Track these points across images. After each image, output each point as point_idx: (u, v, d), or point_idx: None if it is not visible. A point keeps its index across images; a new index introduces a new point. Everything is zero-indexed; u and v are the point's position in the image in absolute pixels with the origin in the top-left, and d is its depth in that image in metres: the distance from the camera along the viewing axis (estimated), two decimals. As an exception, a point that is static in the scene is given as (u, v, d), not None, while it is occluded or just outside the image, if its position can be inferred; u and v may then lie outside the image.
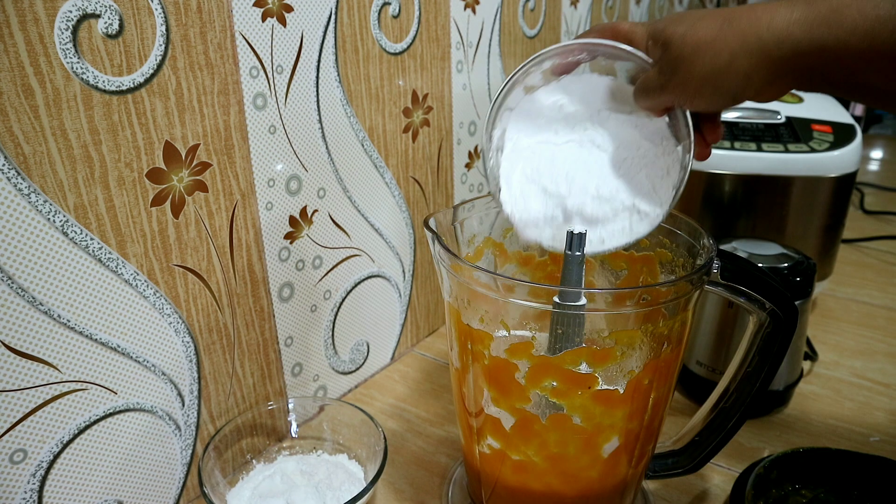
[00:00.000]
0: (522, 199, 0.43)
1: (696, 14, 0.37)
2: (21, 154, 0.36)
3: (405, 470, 0.55)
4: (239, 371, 0.54)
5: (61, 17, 0.37)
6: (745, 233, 0.71)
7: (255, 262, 0.53)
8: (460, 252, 0.49)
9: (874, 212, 1.12)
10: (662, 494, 0.52)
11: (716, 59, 0.36)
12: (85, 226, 0.40)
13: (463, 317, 0.42)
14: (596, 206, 0.42)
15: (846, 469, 0.48)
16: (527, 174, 0.43)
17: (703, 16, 0.37)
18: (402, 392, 0.66)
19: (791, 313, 0.42)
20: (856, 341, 0.73)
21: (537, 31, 0.84)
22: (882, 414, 0.61)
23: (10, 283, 0.37)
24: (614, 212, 0.42)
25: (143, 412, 0.47)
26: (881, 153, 1.49)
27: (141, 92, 0.42)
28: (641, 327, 0.39)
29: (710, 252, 0.41)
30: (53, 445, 0.42)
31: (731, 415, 0.46)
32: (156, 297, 0.46)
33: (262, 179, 0.51)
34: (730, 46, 0.35)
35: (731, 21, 0.35)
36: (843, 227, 0.75)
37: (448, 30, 0.67)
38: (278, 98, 0.51)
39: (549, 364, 0.39)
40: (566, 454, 0.42)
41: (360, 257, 0.64)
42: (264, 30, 0.48)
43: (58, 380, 0.41)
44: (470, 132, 0.75)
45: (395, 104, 0.63)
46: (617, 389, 0.40)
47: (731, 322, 0.60)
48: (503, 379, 0.41)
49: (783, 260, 0.58)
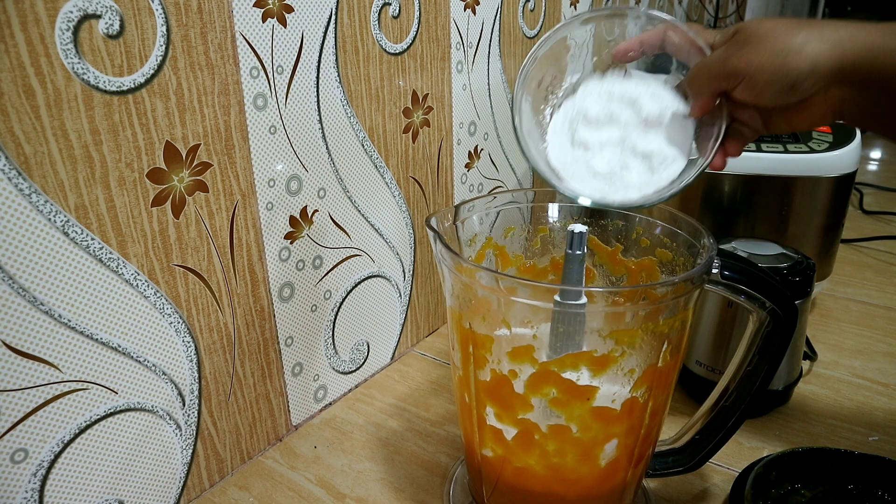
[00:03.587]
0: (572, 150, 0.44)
1: (772, 19, 0.39)
2: (22, 154, 0.37)
3: (406, 469, 0.55)
4: (239, 371, 0.54)
5: (62, 17, 0.37)
6: (745, 233, 0.71)
7: (255, 262, 0.53)
8: (461, 251, 0.49)
9: (873, 212, 1.12)
10: (662, 493, 0.52)
11: (788, 39, 0.36)
12: (86, 226, 0.40)
13: (465, 316, 0.42)
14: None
15: (845, 468, 0.49)
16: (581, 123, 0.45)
17: (780, 18, 0.38)
18: (402, 392, 0.67)
19: (791, 312, 0.42)
20: (855, 341, 0.73)
21: (537, 31, 0.84)
22: (881, 413, 0.61)
23: (11, 283, 0.37)
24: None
25: (143, 412, 0.47)
26: (880, 153, 1.49)
27: (141, 92, 0.42)
28: (642, 326, 0.39)
29: (711, 251, 0.41)
30: (54, 445, 0.42)
31: (731, 414, 0.46)
32: (156, 297, 0.46)
33: (262, 179, 0.51)
34: (805, 30, 0.36)
35: (799, 26, 0.37)
36: (842, 227, 0.75)
37: (448, 30, 0.67)
38: (279, 98, 0.51)
39: (550, 373, 0.40)
40: (565, 464, 0.42)
41: (361, 257, 0.64)
42: (265, 30, 0.49)
43: (59, 379, 0.41)
44: (470, 132, 0.76)
45: (395, 104, 0.63)
46: (614, 408, 0.40)
47: (730, 321, 0.60)
48: (504, 393, 0.41)
49: (782, 260, 0.58)
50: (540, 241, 0.53)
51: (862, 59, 0.35)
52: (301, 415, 0.62)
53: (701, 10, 1.49)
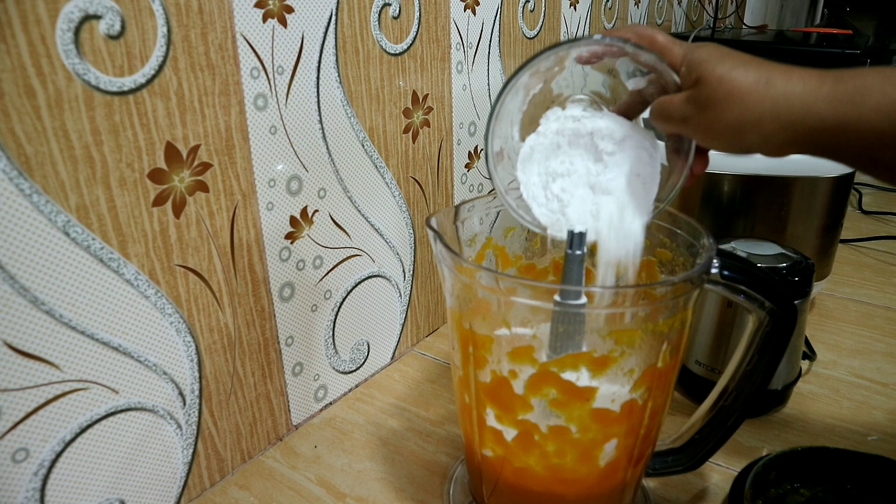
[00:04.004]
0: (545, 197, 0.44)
1: (737, 58, 0.38)
2: (23, 155, 0.37)
3: (406, 469, 0.55)
4: (240, 370, 0.54)
5: (63, 18, 0.37)
6: (744, 233, 0.71)
7: (255, 262, 0.53)
8: (461, 251, 0.49)
9: (872, 212, 1.12)
10: (662, 493, 0.52)
11: (745, 114, 0.37)
12: (86, 226, 0.41)
13: (465, 317, 0.42)
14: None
15: (844, 468, 0.49)
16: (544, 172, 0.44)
17: (744, 62, 0.37)
18: (402, 391, 0.67)
19: (790, 312, 0.43)
20: (854, 341, 0.74)
21: (537, 31, 0.84)
22: (880, 413, 0.61)
23: (12, 283, 0.38)
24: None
25: (144, 411, 0.47)
26: (879, 153, 1.49)
27: (142, 93, 0.42)
28: (641, 326, 0.39)
29: (710, 251, 0.41)
30: (55, 444, 0.42)
31: (730, 413, 0.46)
32: (157, 297, 0.46)
33: (262, 180, 0.51)
34: (761, 106, 0.37)
35: (768, 82, 0.37)
36: (841, 227, 0.76)
37: (448, 30, 0.67)
38: (279, 98, 0.51)
39: (550, 374, 0.40)
40: (565, 464, 0.42)
41: (361, 257, 0.64)
42: (265, 31, 0.49)
43: (59, 379, 0.41)
44: (470, 132, 0.76)
45: (395, 105, 0.63)
46: (613, 410, 0.40)
47: (730, 321, 0.60)
48: (504, 395, 0.41)
49: (782, 260, 0.58)
50: (540, 241, 0.53)
51: (815, 136, 0.37)
52: (301, 414, 0.62)
53: (700, 10, 1.49)
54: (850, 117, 0.35)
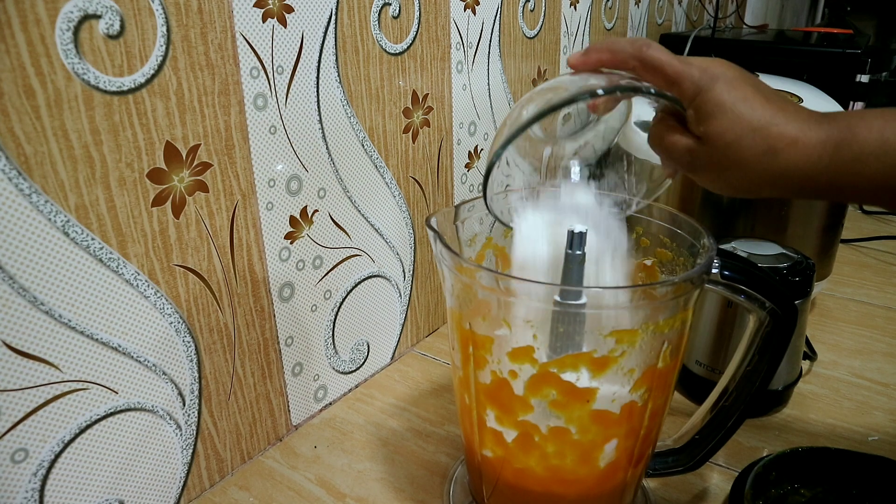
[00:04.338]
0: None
1: (749, 114, 0.37)
2: (22, 154, 0.37)
3: (406, 469, 0.55)
4: (239, 371, 0.54)
5: (62, 17, 0.37)
6: (745, 233, 0.71)
7: (255, 262, 0.53)
8: (461, 251, 0.49)
9: (873, 212, 1.12)
10: (662, 493, 0.52)
11: (745, 181, 0.39)
12: (86, 226, 0.40)
13: (465, 317, 0.42)
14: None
15: (845, 468, 0.49)
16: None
17: (752, 126, 0.37)
18: (402, 392, 0.67)
19: (790, 312, 0.43)
20: (854, 341, 0.74)
21: (537, 31, 0.84)
22: (880, 413, 0.61)
23: (11, 283, 0.37)
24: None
25: (143, 412, 0.47)
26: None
27: (142, 92, 0.42)
28: (642, 326, 0.39)
29: (711, 251, 0.41)
30: (55, 445, 0.42)
31: (731, 414, 0.46)
32: (156, 297, 0.46)
33: (262, 179, 0.51)
34: (762, 177, 0.39)
35: (774, 154, 0.38)
36: (841, 227, 0.76)
37: (448, 30, 0.67)
38: (279, 98, 0.51)
39: (550, 375, 0.40)
40: (565, 465, 0.42)
41: (361, 257, 0.64)
42: (265, 30, 0.49)
43: (59, 379, 0.41)
44: (470, 132, 0.76)
45: (395, 104, 0.63)
46: (613, 411, 0.40)
47: (730, 322, 0.60)
48: (504, 397, 0.41)
49: (782, 260, 0.58)
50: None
51: (809, 197, 0.40)
52: (301, 415, 0.62)
53: (701, 9, 1.49)
54: (846, 185, 0.37)
